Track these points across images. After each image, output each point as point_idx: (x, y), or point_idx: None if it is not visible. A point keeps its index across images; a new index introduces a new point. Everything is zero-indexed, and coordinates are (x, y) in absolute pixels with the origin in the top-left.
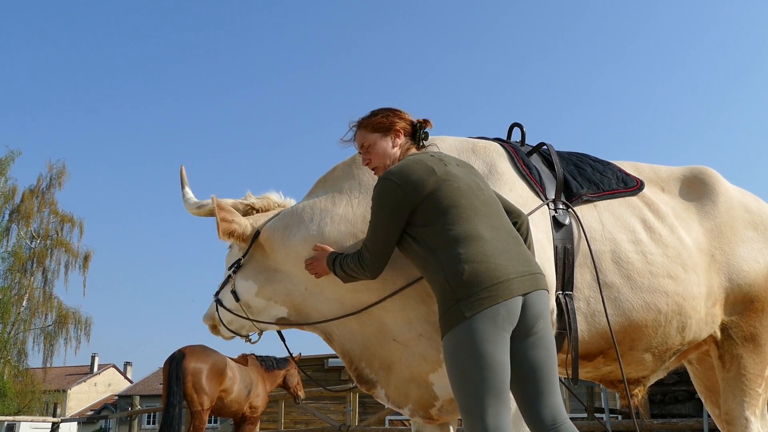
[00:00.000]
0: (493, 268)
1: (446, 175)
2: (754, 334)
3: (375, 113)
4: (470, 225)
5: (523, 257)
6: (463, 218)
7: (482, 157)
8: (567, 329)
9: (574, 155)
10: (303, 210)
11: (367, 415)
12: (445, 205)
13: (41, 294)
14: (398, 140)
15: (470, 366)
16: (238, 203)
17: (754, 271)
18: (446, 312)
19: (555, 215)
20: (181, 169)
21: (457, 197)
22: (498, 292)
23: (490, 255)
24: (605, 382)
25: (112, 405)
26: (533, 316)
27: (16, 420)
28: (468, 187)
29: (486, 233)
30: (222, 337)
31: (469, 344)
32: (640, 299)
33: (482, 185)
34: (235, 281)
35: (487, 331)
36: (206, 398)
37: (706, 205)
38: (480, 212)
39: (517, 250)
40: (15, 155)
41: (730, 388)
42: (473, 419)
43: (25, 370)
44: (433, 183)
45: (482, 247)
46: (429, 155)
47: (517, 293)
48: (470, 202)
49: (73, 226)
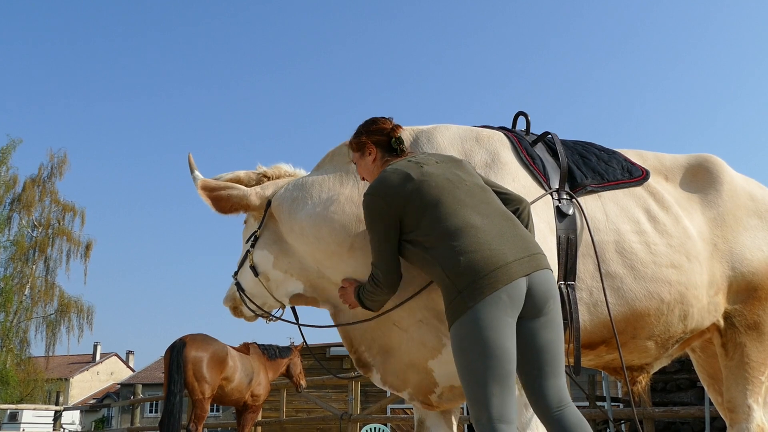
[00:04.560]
0: (489, 255)
1: (423, 176)
2: (758, 323)
3: (355, 132)
4: (458, 217)
5: (520, 239)
6: (449, 213)
7: (485, 146)
8: (569, 319)
9: (579, 144)
10: (312, 185)
11: (368, 403)
12: (429, 205)
13: (43, 283)
14: (371, 155)
15: (474, 355)
16: (251, 173)
17: (758, 260)
18: (450, 304)
19: (558, 205)
20: (189, 157)
21: (438, 194)
22: (497, 277)
23: (485, 242)
24: (608, 370)
25: (115, 393)
26: (541, 297)
27: (18, 408)
28: (448, 182)
29: (477, 221)
30: (245, 319)
31: (473, 333)
32: (643, 288)
33: (464, 176)
34: (253, 255)
35: (491, 318)
36: (207, 387)
37: (710, 193)
38: (466, 203)
39: (513, 233)
40: (16, 144)
41: (732, 376)
42: (478, 408)
43: (28, 359)
44: (412, 187)
45: (475, 236)
46: (406, 161)
47: (518, 276)
48: (453, 195)
49: (74, 215)
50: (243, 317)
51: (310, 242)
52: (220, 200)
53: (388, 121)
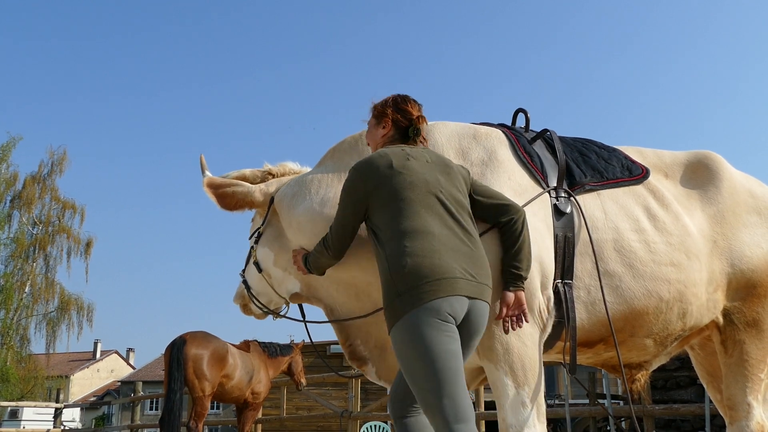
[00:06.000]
0: (437, 263)
1: (403, 168)
2: (757, 320)
3: (385, 100)
4: (418, 220)
5: (475, 263)
6: (412, 213)
7: (483, 143)
8: (565, 318)
9: (579, 141)
10: (311, 182)
11: (369, 401)
12: (395, 197)
13: (43, 280)
14: (384, 129)
15: (417, 362)
16: (257, 171)
17: (757, 257)
18: (387, 306)
19: (556, 203)
20: (201, 158)
21: (406, 191)
22: (440, 287)
23: (436, 251)
24: (607, 367)
25: (115, 391)
26: (473, 327)
27: (19, 405)
28: (425, 183)
29: (435, 230)
30: (254, 317)
31: (412, 340)
32: (642, 287)
33: (445, 183)
34: (256, 252)
35: (429, 324)
36: (207, 384)
37: (710, 190)
38: (432, 209)
39: (470, 253)
40: (16, 141)
41: (732, 374)
42: (432, 413)
43: (28, 356)
44: (387, 174)
45: (429, 243)
46: (399, 149)
47: (463, 293)
48: (422, 197)
49: (74, 212)
50: (252, 315)
51: (307, 237)
52: (225, 197)
53: (417, 108)
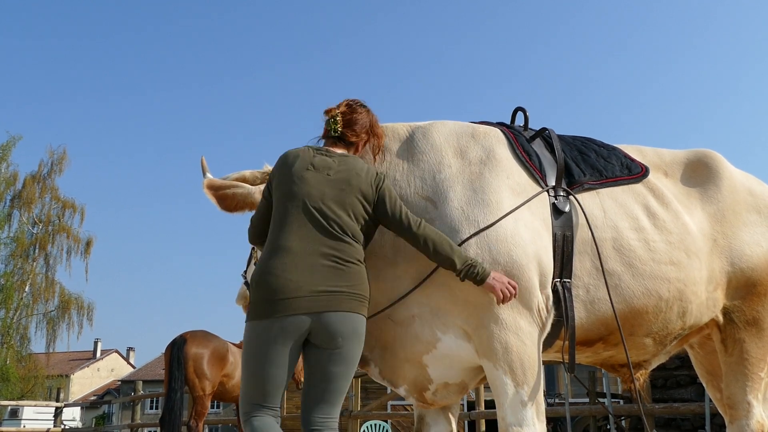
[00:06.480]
0: (284, 283)
1: (298, 177)
2: (757, 318)
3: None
4: (282, 235)
5: (329, 276)
6: (283, 224)
7: (481, 142)
8: (564, 317)
9: (579, 140)
10: None
11: (369, 400)
12: (280, 199)
13: (43, 279)
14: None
15: (244, 362)
16: (257, 173)
17: (757, 255)
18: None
19: (555, 202)
20: (202, 160)
21: (283, 199)
22: (276, 308)
23: (288, 270)
24: (606, 366)
25: (115, 390)
26: (329, 335)
27: (19, 405)
28: (306, 196)
29: (295, 246)
30: None
31: (246, 344)
32: (641, 286)
33: (333, 198)
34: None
35: (257, 340)
36: (208, 383)
37: (709, 189)
38: (300, 222)
39: (325, 269)
40: (16, 141)
41: (732, 373)
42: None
43: (28, 356)
44: (284, 170)
45: (282, 261)
46: (312, 153)
47: (300, 311)
48: (300, 207)
49: (74, 211)
50: None
51: None
52: (225, 198)
53: (340, 105)
